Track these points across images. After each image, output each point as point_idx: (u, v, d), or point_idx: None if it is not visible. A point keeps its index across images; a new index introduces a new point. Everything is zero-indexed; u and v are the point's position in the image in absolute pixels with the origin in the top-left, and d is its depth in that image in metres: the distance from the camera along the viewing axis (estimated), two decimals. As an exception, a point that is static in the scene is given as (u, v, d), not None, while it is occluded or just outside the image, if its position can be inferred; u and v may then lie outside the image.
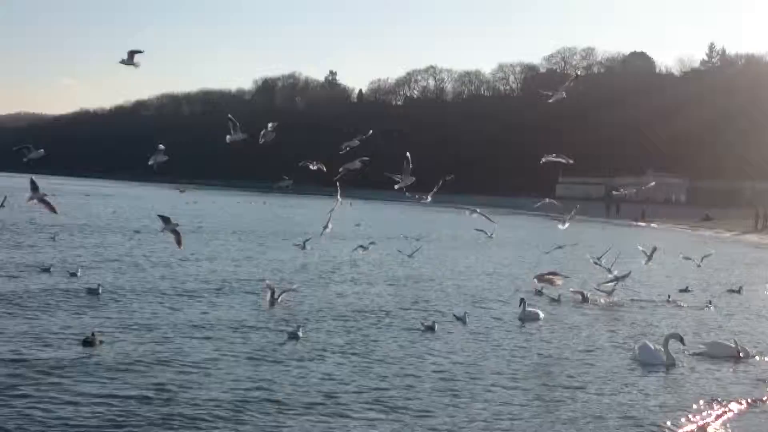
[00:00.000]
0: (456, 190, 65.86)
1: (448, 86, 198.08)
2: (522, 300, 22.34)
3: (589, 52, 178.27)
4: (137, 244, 36.87)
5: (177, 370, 14.11)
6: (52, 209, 15.00)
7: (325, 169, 19.61)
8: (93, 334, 15.80)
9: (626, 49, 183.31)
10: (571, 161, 19.53)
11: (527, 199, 68.10)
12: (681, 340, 17.04)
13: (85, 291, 21.62)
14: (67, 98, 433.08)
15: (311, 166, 19.82)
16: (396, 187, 18.73)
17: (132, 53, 11.87)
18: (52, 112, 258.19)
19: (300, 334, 17.39)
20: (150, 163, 17.18)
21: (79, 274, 24.81)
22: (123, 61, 11.75)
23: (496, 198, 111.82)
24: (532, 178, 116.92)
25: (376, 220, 67.99)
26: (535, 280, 23.78)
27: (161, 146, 17.22)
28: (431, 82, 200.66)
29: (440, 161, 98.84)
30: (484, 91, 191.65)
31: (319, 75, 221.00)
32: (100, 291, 21.37)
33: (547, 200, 25.26)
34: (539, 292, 25.99)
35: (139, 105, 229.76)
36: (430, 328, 19.31)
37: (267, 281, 23.41)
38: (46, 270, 25.31)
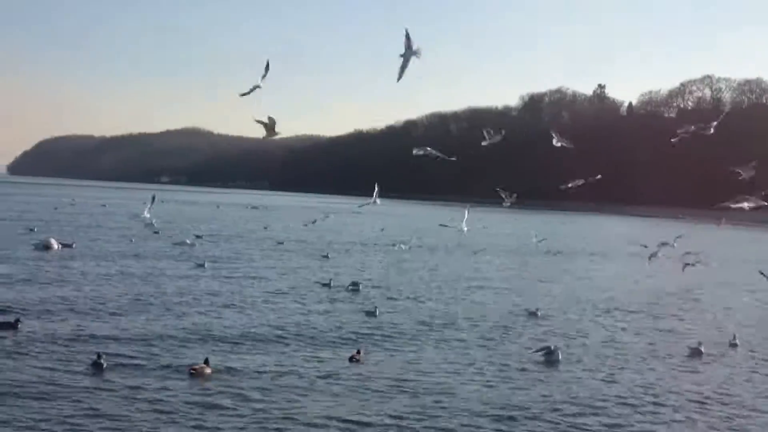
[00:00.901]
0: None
1: (726, 96, 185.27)
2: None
3: None
4: (404, 261, 38.74)
5: (429, 394, 14.66)
6: None
7: None
8: (359, 352, 16.86)
9: None
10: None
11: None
12: None
13: (364, 312, 22.92)
14: (340, 120, 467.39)
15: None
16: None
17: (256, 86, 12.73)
18: (328, 134, 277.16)
19: (559, 357, 17.42)
20: (561, 187, 20.68)
21: (360, 289, 27.04)
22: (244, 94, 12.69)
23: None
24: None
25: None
26: None
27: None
28: (707, 93, 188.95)
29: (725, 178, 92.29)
30: (766, 100, 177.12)
31: (587, 89, 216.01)
32: (377, 313, 22.64)
33: None
34: None
35: (409, 125, 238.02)
36: (697, 352, 18.57)
37: None
38: (326, 285, 27.61)
